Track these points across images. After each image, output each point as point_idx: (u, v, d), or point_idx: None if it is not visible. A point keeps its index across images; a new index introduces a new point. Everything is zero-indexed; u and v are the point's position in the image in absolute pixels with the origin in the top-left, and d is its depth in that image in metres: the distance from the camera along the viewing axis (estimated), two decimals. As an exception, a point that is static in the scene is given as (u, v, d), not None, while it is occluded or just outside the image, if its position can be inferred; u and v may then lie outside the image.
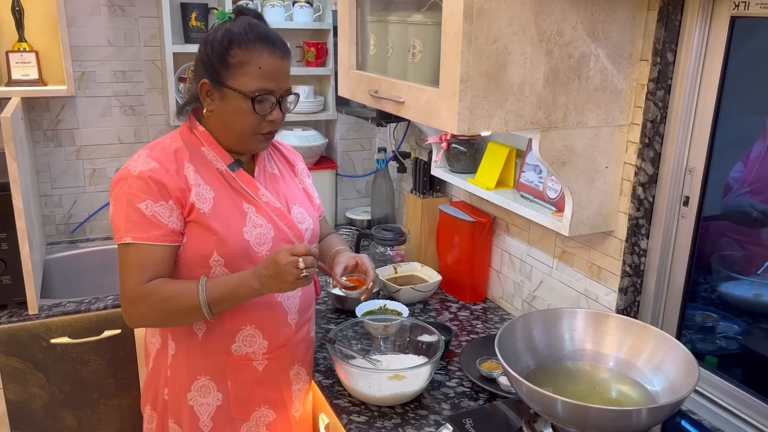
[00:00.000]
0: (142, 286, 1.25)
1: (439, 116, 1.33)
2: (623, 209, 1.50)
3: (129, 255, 1.26)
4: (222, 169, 1.35)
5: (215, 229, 1.29)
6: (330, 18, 2.48)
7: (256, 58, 1.27)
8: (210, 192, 1.31)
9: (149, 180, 1.26)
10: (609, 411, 1.08)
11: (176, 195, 1.27)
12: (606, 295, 1.58)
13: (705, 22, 1.31)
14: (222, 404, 1.38)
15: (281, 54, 1.31)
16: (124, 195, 1.26)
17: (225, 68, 1.28)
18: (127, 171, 1.28)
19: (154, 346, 1.41)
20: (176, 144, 1.33)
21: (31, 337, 1.93)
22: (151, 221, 1.25)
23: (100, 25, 2.35)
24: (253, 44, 1.28)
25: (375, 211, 2.51)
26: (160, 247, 1.26)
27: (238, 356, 1.38)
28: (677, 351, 1.22)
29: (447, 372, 1.62)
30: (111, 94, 2.42)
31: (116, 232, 1.27)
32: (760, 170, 1.39)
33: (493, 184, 1.80)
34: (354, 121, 2.62)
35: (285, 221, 1.39)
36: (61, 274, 2.33)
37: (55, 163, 2.40)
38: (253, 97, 1.28)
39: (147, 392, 1.45)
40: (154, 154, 1.29)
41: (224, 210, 1.31)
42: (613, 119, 1.43)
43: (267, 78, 1.29)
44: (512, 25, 1.26)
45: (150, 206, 1.25)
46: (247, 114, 1.29)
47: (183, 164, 1.30)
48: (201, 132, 1.35)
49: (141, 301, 1.25)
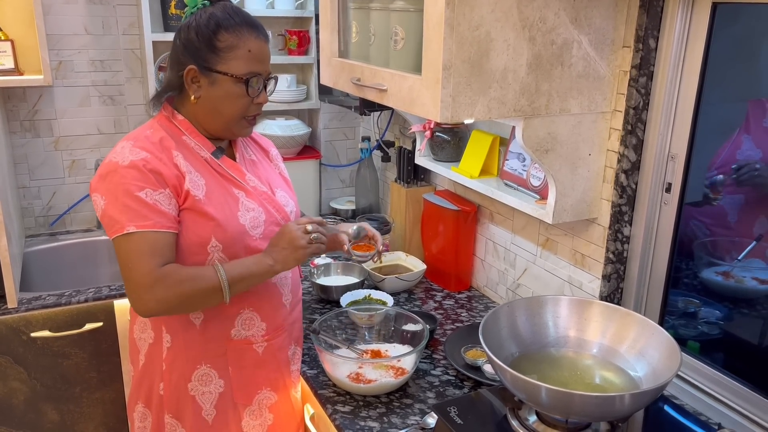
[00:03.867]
0: (156, 270, 1.20)
1: (422, 104, 1.32)
2: (606, 196, 1.51)
3: (134, 243, 1.21)
4: (206, 156, 1.34)
5: (212, 215, 1.28)
6: (312, 5, 2.45)
7: (245, 42, 1.27)
8: (201, 179, 1.30)
9: (144, 169, 1.22)
10: (592, 397, 1.09)
11: (172, 183, 1.25)
12: (590, 282, 1.59)
13: (687, 8, 1.31)
14: (224, 391, 1.37)
15: (264, 38, 1.32)
16: (118, 186, 1.22)
17: (213, 53, 1.27)
18: (115, 163, 1.24)
19: (145, 342, 1.38)
20: (159, 133, 1.30)
21: (11, 331, 1.90)
22: (153, 208, 1.22)
23: (77, 12, 2.30)
24: (240, 28, 1.27)
25: (359, 201, 2.50)
26: (164, 233, 1.23)
27: (238, 341, 1.37)
28: (660, 337, 1.22)
29: (432, 361, 1.62)
30: (89, 84, 2.38)
31: (113, 225, 1.22)
32: (728, 155, 1.41)
33: (477, 173, 1.80)
34: (337, 110, 2.60)
35: (272, 204, 1.39)
36: (41, 267, 2.30)
37: (33, 155, 2.36)
38: (246, 79, 1.28)
39: (138, 390, 1.41)
40: (140, 144, 1.26)
41: (217, 196, 1.30)
42: (596, 106, 1.43)
43: (256, 60, 1.29)
44: (494, 11, 1.25)
45: (150, 194, 1.22)
46: (239, 97, 1.29)
47: (171, 152, 1.28)
48: (180, 121, 1.34)
49: (158, 285, 1.20)
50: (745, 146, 1.40)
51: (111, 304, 2.00)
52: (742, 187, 1.42)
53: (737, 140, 1.41)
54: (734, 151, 1.41)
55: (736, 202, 1.44)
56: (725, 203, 1.45)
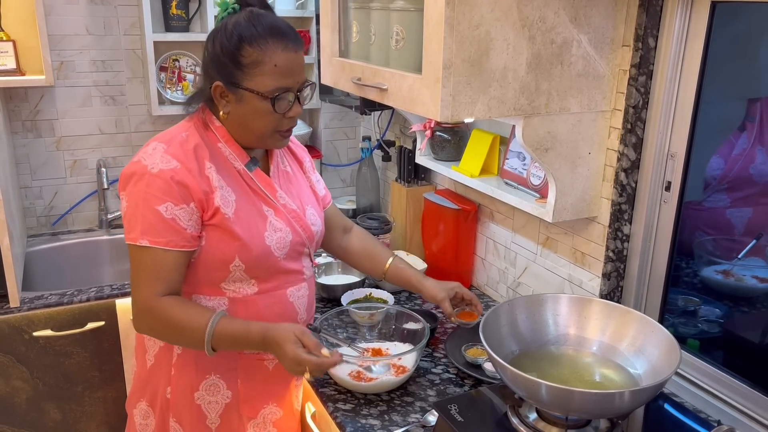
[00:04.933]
0: (154, 298, 1.20)
1: (422, 103, 1.33)
2: (606, 195, 1.51)
3: (143, 259, 1.21)
4: (240, 168, 1.30)
5: (238, 235, 1.25)
6: (312, 5, 2.45)
7: (270, 56, 1.20)
8: (232, 194, 1.26)
9: (171, 181, 1.20)
10: (592, 394, 1.09)
11: (198, 197, 1.22)
12: (590, 281, 1.59)
13: (686, 7, 1.31)
14: (231, 402, 1.36)
15: (294, 46, 1.24)
16: (141, 193, 1.20)
17: (238, 69, 1.21)
18: (144, 167, 1.21)
19: (155, 344, 1.37)
20: (194, 140, 1.25)
21: (13, 330, 1.91)
22: (169, 225, 1.20)
23: (78, 13, 2.31)
24: (265, 40, 1.20)
25: (360, 200, 2.50)
26: (175, 253, 1.22)
27: (250, 355, 1.36)
28: (659, 334, 1.23)
29: (433, 359, 1.62)
30: (91, 84, 2.38)
31: (130, 231, 1.22)
32: (740, 168, 1.41)
33: (477, 172, 1.80)
34: (338, 110, 2.60)
35: (300, 224, 1.36)
36: (43, 266, 2.30)
37: (35, 155, 2.37)
38: (273, 97, 1.22)
39: (143, 388, 1.40)
40: (172, 151, 1.22)
41: (246, 214, 1.27)
42: (595, 105, 1.44)
43: (284, 75, 1.22)
44: (494, 10, 1.25)
45: (170, 209, 1.20)
46: (267, 114, 1.24)
47: (204, 163, 1.24)
48: (218, 128, 1.29)
49: (150, 315, 1.22)
50: (759, 159, 1.39)
51: (113, 303, 2.01)
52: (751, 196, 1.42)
53: (750, 154, 1.40)
54: (747, 165, 1.40)
55: (744, 216, 1.44)
56: (734, 218, 1.45)
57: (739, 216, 1.44)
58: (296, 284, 1.38)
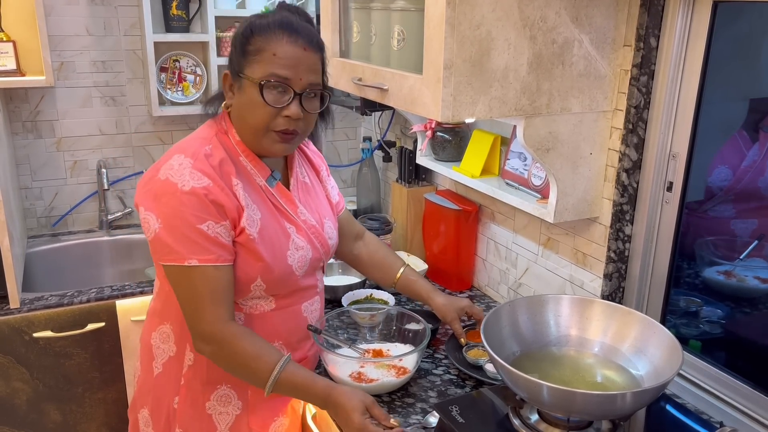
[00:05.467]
0: (221, 323, 1.18)
1: (423, 103, 1.32)
2: (607, 195, 1.51)
3: (194, 280, 1.17)
4: (262, 184, 1.27)
5: (262, 255, 1.23)
6: (313, 5, 2.45)
7: (273, 44, 1.17)
8: (257, 213, 1.24)
9: (206, 199, 1.16)
10: (594, 395, 1.09)
11: (232, 216, 1.20)
12: (591, 281, 1.59)
13: (688, 7, 1.31)
14: (241, 413, 1.34)
15: (304, 43, 1.19)
16: (176, 213, 1.15)
17: (243, 56, 1.19)
18: (174, 185, 1.16)
19: (164, 353, 1.34)
20: (219, 154, 1.21)
21: (13, 331, 1.91)
22: (215, 241, 1.17)
23: (79, 14, 2.31)
24: (273, 30, 1.17)
25: (361, 201, 2.50)
26: (226, 268, 1.19)
27: None
28: (661, 335, 1.23)
29: (434, 360, 1.62)
30: (91, 85, 2.38)
31: (170, 253, 1.17)
32: (749, 180, 1.40)
33: (478, 172, 1.80)
34: (338, 111, 2.60)
35: (319, 239, 1.35)
36: (43, 267, 2.30)
37: (35, 155, 2.36)
38: (262, 83, 1.17)
39: (147, 395, 1.38)
40: (200, 166, 1.17)
41: (270, 233, 1.25)
42: (597, 105, 1.43)
43: (280, 65, 1.16)
44: (495, 10, 1.25)
45: (212, 227, 1.17)
46: (259, 106, 1.18)
47: (231, 180, 1.21)
48: (237, 142, 1.26)
49: (216, 343, 1.19)
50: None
51: (113, 304, 2.01)
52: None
53: (762, 165, 1.38)
54: (756, 177, 1.39)
55: (748, 227, 1.43)
56: (738, 228, 1.44)
57: (743, 227, 1.43)
58: (310, 299, 1.39)
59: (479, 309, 1.55)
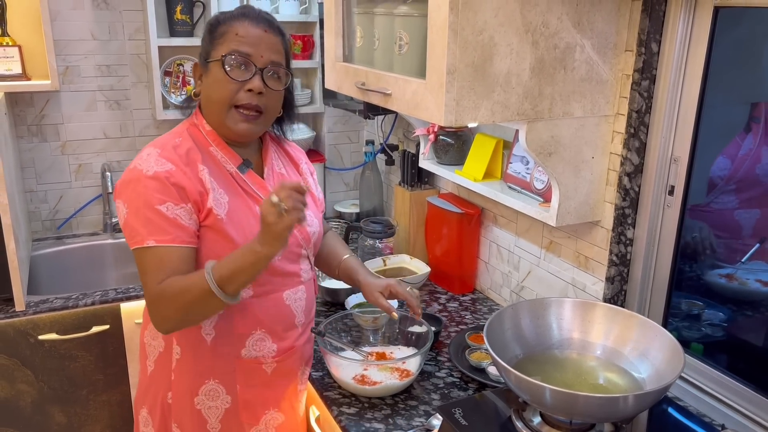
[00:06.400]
0: (157, 286, 1.20)
1: (425, 108, 1.33)
2: (609, 199, 1.51)
3: (148, 258, 1.20)
4: (232, 171, 1.31)
5: (231, 236, 1.25)
6: (316, 10, 2.47)
7: (236, 26, 1.26)
8: (224, 196, 1.27)
9: (167, 182, 1.21)
10: (596, 398, 1.09)
11: (194, 198, 1.23)
12: (593, 285, 1.60)
13: (689, 12, 1.32)
14: (231, 407, 1.36)
15: (265, 26, 1.27)
16: (140, 197, 1.21)
17: (210, 44, 1.28)
18: (139, 171, 1.22)
19: (155, 349, 1.37)
20: (187, 144, 1.27)
21: (19, 333, 1.92)
22: (173, 223, 1.20)
23: (84, 18, 2.32)
24: (236, 18, 1.27)
25: (363, 204, 2.51)
26: (182, 249, 1.21)
27: (248, 360, 1.35)
28: (663, 338, 1.23)
29: (436, 363, 1.62)
30: (96, 89, 2.40)
31: (135, 236, 1.21)
32: (747, 168, 1.41)
33: (481, 176, 1.81)
34: (341, 114, 2.61)
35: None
36: (48, 270, 2.31)
37: (40, 159, 2.38)
38: (223, 57, 1.24)
39: (145, 394, 1.40)
40: (166, 154, 1.24)
41: (239, 215, 1.28)
42: (598, 109, 1.44)
43: (243, 43, 1.25)
44: (498, 16, 1.26)
45: (171, 208, 1.20)
46: (223, 82, 1.25)
47: (197, 166, 1.25)
48: (208, 132, 1.31)
49: (159, 302, 1.20)
50: (765, 160, 1.39)
51: (117, 307, 2.02)
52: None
53: (756, 154, 1.40)
54: (753, 165, 1.41)
55: (752, 217, 1.44)
56: (741, 219, 1.45)
57: (746, 217, 1.44)
58: (293, 287, 1.38)
59: (403, 288, 1.47)
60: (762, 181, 1.40)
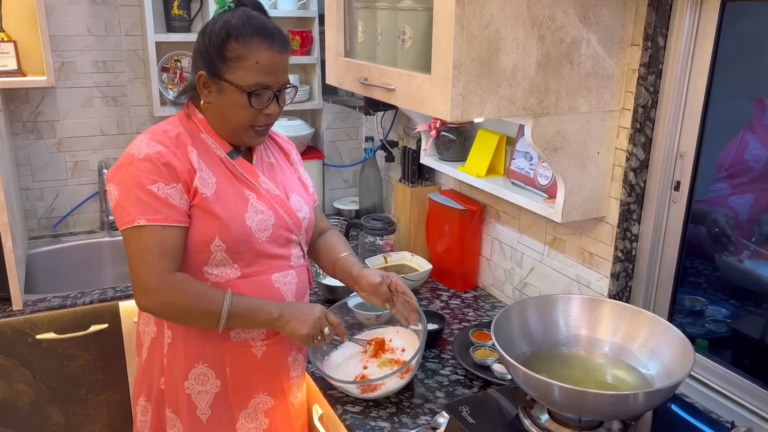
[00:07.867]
0: (167, 274, 1.23)
1: (431, 103, 1.32)
2: (615, 195, 1.50)
3: (144, 238, 1.23)
4: (222, 156, 1.34)
5: (218, 214, 1.28)
6: (314, 5, 2.44)
7: (254, 53, 1.25)
8: (212, 177, 1.30)
9: (158, 162, 1.24)
10: (607, 395, 1.09)
11: (184, 178, 1.26)
12: (598, 281, 1.59)
13: (695, 6, 1.31)
14: (220, 391, 1.37)
15: (279, 48, 1.28)
16: (132, 178, 1.24)
17: (222, 62, 1.26)
18: (131, 155, 1.26)
19: (148, 336, 1.40)
20: (177, 129, 1.31)
21: (16, 333, 1.90)
22: (165, 202, 1.24)
23: (80, 14, 2.29)
24: (251, 38, 1.25)
25: (363, 201, 2.50)
26: (175, 228, 1.25)
27: (237, 342, 1.36)
28: (672, 335, 1.22)
29: (440, 360, 1.61)
30: (92, 85, 2.37)
31: (125, 216, 1.24)
32: (736, 155, 1.41)
33: (484, 172, 1.80)
34: (340, 110, 2.59)
35: (285, 209, 1.38)
36: (45, 268, 2.29)
37: (36, 156, 2.35)
38: (250, 92, 1.27)
39: (141, 383, 1.43)
40: (156, 138, 1.28)
41: (226, 195, 1.31)
42: (604, 104, 1.43)
43: (264, 73, 1.27)
44: (504, 9, 1.24)
45: (162, 188, 1.24)
46: (244, 108, 1.28)
47: (186, 148, 1.29)
48: (200, 120, 1.34)
49: (165, 291, 1.24)
50: (752, 145, 1.39)
51: (116, 305, 2.00)
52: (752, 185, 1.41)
53: (743, 140, 1.40)
54: (742, 151, 1.41)
55: (746, 202, 1.43)
56: (736, 205, 1.44)
57: (741, 203, 1.43)
58: (282, 270, 1.39)
59: (402, 281, 1.46)
60: (752, 166, 1.39)
